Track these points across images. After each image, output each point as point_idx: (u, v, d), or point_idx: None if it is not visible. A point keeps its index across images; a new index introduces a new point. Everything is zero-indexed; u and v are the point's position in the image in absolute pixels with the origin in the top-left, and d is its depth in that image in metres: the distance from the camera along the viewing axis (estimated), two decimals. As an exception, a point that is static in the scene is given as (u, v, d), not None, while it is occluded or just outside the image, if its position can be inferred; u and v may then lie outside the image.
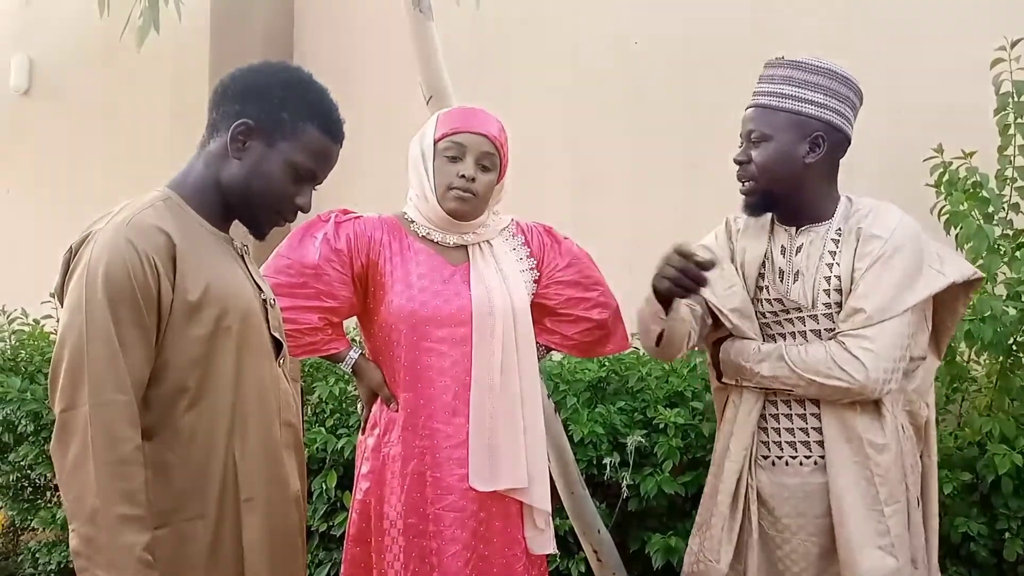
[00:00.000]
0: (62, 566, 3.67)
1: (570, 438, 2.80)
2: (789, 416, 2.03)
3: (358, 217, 2.21)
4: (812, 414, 2.00)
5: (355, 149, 1.71)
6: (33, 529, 3.91)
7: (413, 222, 2.20)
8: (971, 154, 2.73)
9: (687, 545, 2.18)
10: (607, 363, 3.15)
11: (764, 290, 2.07)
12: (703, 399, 2.97)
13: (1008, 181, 2.73)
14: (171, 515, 1.50)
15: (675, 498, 2.88)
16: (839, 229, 2.00)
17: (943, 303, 2.02)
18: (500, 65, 4.08)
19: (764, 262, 2.08)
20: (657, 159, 3.77)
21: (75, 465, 1.40)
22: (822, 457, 1.98)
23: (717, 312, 2.09)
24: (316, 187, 1.67)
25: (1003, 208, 2.71)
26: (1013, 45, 2.70)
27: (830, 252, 2.00)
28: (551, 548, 2.21)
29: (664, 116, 3.76)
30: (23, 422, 3.61)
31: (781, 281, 2.05)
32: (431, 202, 2.14)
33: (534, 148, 3.71)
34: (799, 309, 2.02)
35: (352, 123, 1.69)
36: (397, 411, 2.14)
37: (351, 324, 2.33)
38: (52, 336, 3.95)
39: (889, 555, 1.90)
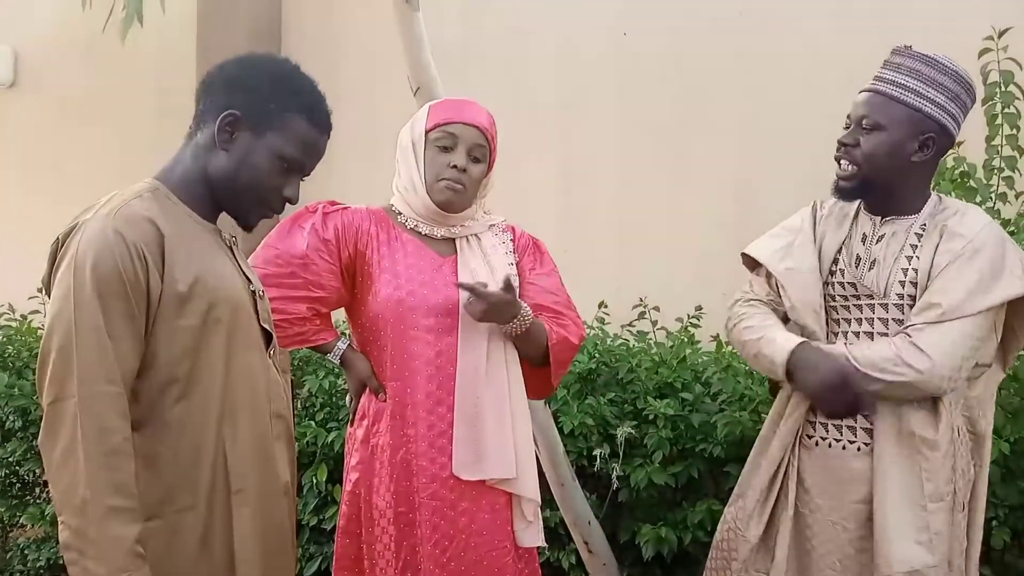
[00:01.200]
0: (51, 562, 3.66)
1: (560, 430, 2.80)
2: None
3: (346, 208, 2.20)
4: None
5: (341, 140, 1.71)
6: (22, 526, 3.88)
7: (400, 214, 2.20)
8: (959, 144, 2.73)
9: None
10: (597, 355, 3.15)
11: (838, 274, 2.07)
12: (693, 390, 2.98)
13: (996, 171, 2.74)
14: (161, 507, 1.49)
15: (665, 489, 2.89)
16: (924, 224, 2.00)
17: (1016, 313, 2.01)
18: (488, 56, 4.07)
19: (842, 247, 2.08)
20: (646, 151, 3.77)
21: (64, 457, 1.40)
22: (867, 444, 1.98)
23: (788, 309, 2.11)
24: (304, 178, 1.66)
25: (991, 197, 2.72)
26: (1000, 35, 2.71)
27: (911, 245, 1.99)
28: (540, 540, 2.21)
29: (653, 108, 3.76)
30: (11, 418, 3.59)
31: (857, 267, 2.05)
32: (420, 193, 2.14)
33: (522, 140, 3.71)
34: (871, 296, 2.01)
35: (339, 114, 1.69)
36: (385, 401, 2.14)
37: (340, 316, 2.33)
38: (39, 331, 3.92)
39: (927, 550, 1.89)
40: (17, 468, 3.76)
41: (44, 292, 1.54)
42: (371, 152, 2.44)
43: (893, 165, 1.97)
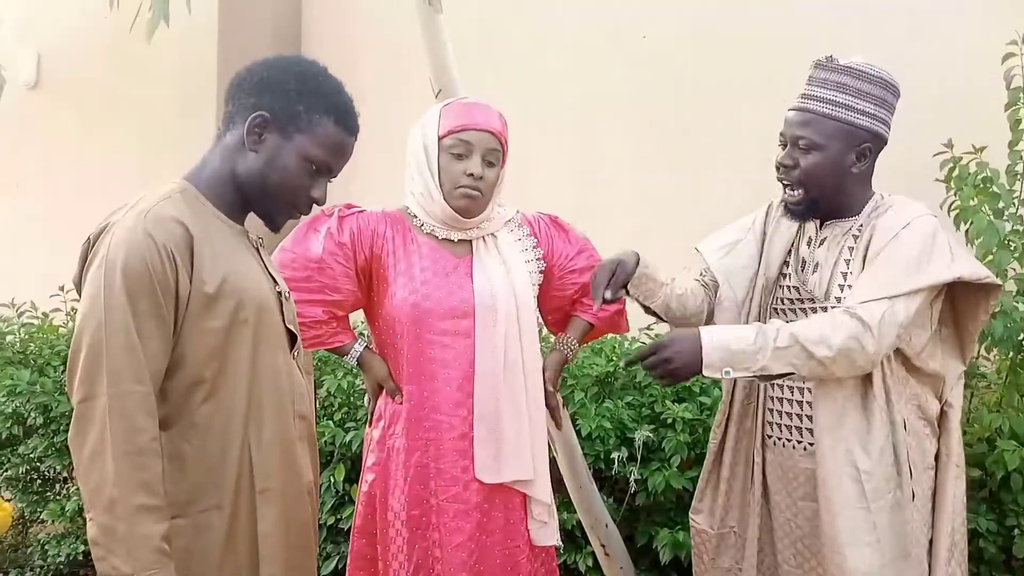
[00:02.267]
0: (71, 558, 3.68)
1: (578, 433, 2.80)
2: (790, 401, 2.07)
3: (362, 211, 2.21)
4: (808, 402, 2.03)
5: (362, 141, 1.72)
6: (42, 521, 3.92)
7: (416, 217, 2.20)
8: (981, 149, 2.71)
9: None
10: (614, 357, 3.15)
11: (786, 277, 2.10)
12: (711, 394, 2.97)
13: (1019, 176, 2.71)
14: (187, 506, 1.51)
15: (683, 493, 2.88)
16: (861, 226, 2.02)
17: (964, 309, 2.01)
18: (506, 58, 4.07)
19: (791, 250, 2.11)
20: (663, 153, 3.76)
21: (93, 455, 1.41)
22: (812, 443, 2.01)
23: (716, 303, 2.17)
24: (331, 180, 1.67)
25: (1014, 204, 2.69)
26: (1024, 40, 2.68)
27: (848, 248, 2.01)
28: (555, 540, 2.22)
29: (671, 109, 3.74)
30: (32, 415, 3.62)
31: (802, 271, 2.08)
32: (437, 200, 2.14)
33: (539, 141, 3.71)
34: (812, 300, 2.04)
35: (360, 116, 1.69)
36: (402, 403, 2.15)
37: (358, 317, 2.34)
38: (61, 329, 3.96)
39: (875, 551, 1.91)
40: (38, 464, 3.79)
41: (75, 291, 1.56)
42: (392, 153, 2.44)
43: (834, 180, 2.00)
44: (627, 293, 2.15)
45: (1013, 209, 2.69)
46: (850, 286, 1.97)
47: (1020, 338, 2.61)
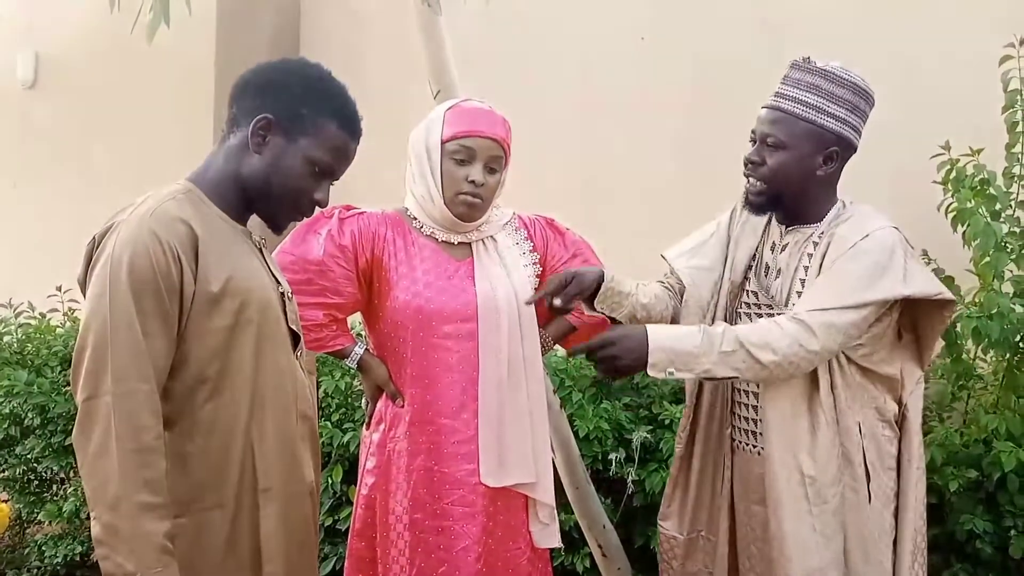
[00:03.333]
0: (68, 559, 3.68)
1: (575, 434, 2.80)
2: (750, 406, 2.09)
3: (361, 213, 2.20)
4: (755, 406, 2.06)
5: (363, 143, 1.72)
6: (39, 522, 3.91)
7: (416, 219, 2.20)
8: (979, 151, 2.72)
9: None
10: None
11: (749, 281, 2.12)
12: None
13: (1016, 179, 2.72)
14: (189, 505, 1.51)
15: (681, 494, 2.88)
16: (822, 233, 2.03)
17: (921, 319, 2.03)
18: (511, 59, 4.07)
19: (755, 255, 2.12)
20: (667, 156, 3.77)
21: (97, 453, 1.42)
22: (764, 448, 2.03)
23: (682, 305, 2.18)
24: (333, 182, 1.68)
25: (1011, 206, 2.70)
26: (1022, 42, 2.69)
27: (808, 255, 2.03)
28: (556, 542, 2.22)
29: (673, 112, 3.75)
30: (30, 415, 3.61)
31: (765, 276, 2.10)
32: (437, 203, 2.14)
33: (544, 143, 3.71)
34: (771, 306, 2.06)
35: (362, 120, 1.70)
36: (403, 407, 2.15)
37: (356, 320, 2.33)
38: (59, 330, 3.95)
39: (818, 555, 1.94)
40: (35, 465, 3.78)
41: (80, 291, 1.56)
42: (393, 155, 2.45)
43: (799, 181, 2.01)
44: (592, 307, 2.15)
45: (1010, 211, 2.70)
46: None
47: (1016, 340, 2.62)
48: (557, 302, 2.08)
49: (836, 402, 1.97)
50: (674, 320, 2.23)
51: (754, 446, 2.09)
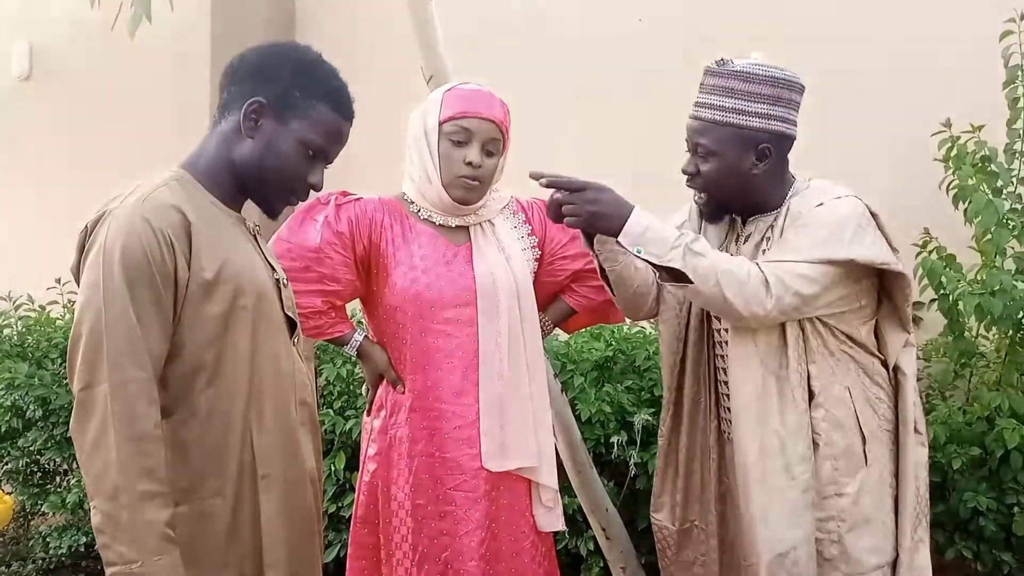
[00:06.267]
0: (72, 550, 3.69)
1: (577, 417, 2.80)
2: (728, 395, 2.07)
3: (358, 199, 2.19)
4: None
5: (358, 129, 1.71)
6: (43, 514, 3.92)
7: (413, 203, 2.19)
8: (980, 128, 2.71)
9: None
10: (614, 342, 3.15)
11: None
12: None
13: (1017, 155, 2.71)
14: (189, 493, 1.51)
15: (683, 476, 2.88)
16: (779, 212, 2.03)
17: (888, 286, 2.02)
18: (505, 42, 4.05)
19: (722, 248, 2.10)
20: (664, 138, 3.74)
21: (96, 443, 1.42)
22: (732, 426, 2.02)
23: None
24: (327, 166, 1.67)
25: (1012, 182, 2.69)
26: (1022, 18, 2.68)
27: (767, 239, 2.02)
28: (560, 525, 2.22)
29: (669, 95, 3.72)
30: (31, 407, 3.62)
31: None
32: (435, 185, 2.13)
33: (538, 128, 3.69)
34: None
35: (354, 103, 1.69)
36: (404, 393, 2.14)
37: (355, 306, 2.33)
38: (59, 322, 3.95)
39: (787, 531, 1.93)
40: (38, 457, 3.79)
41: (74, 280, 1.55)
42: (388, 139, 2.44)
43: (736, 184, 2.00)
44: (591, 248, 2.08)
45: (1011, 188, 2.69)
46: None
47: (1019, 316, 2.61)
48: (558, 195, 1.98)
49: (819, 373, 1.96)
50: (656, 303, 2.20)
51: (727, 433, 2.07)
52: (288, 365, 1.64)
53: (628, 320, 3.19)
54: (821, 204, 1.95)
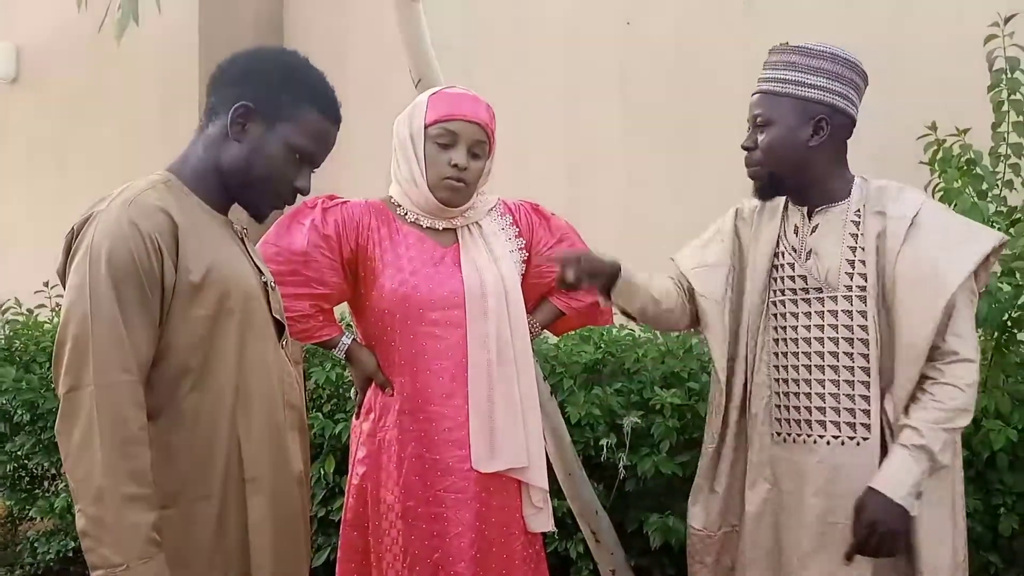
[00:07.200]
0: (60, 555, 3.67)
1: (567, 420, 2.80)
2: (798, 395, 2.02)
3: (345, 202, 2.20)
4: (817, 393, 2.00)
5: (346, 133, 1.72)
6: (31, 519, 3.91)
7: (400, 206, 2.19)
8: (965, 131, 2.73)
9: (687, 523, 2.21)
10: (603, 345, 3.15)
11: (780, 268, 2.08)
12: (699, 380, 2.98)
13: (1002, 158, 2.72)
14: (176, 496, 1.51)
15: (672, 478, 2.89)
16: (858, 211, 2.01)
17: None
18: (492, 47, 4.06)
19: (778, 242, 2.10)
20: (652, 141, 3.76)
21: (81, 445, 1.41)
22: (821, 436, 1.98)
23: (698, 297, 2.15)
24: (314, 170, 1.67)
25: (997, 185, 2.71)
26: (1006, 21, 2.69)
27: (852, 235, 2.00)
28: (550, 526, 2.23)
29: (658, 97, 3.74)
30: (19, 412, 3.60)
31: (806, 259, 2.05)
32: (421, 188, 2.13)
33: (527, 129, 3.70)
34: (819, 290, 2.02)
35: (343, 107, 1.69)
36: (392, 395, 2.14)
37: (343, 309, 2.33)
38: (46, 325, 3.93)
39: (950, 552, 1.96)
40: (26, 462, 3.78)
41: (60, 282, 1.55)
42: (376, 143, 2.44)
43: (792, 154, 2.00)
44: (608, 299, 2.14)
45: (996, 191, 2.70)
46: (861, 275, 1.96)
47: (1005, 318, 2.62)
48: (570, 275, 2.03)
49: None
50: (695, 318, 2.19)
51: (808, 435, 2.01)
52: (276, 368, 1.64)
53: (617, 323, 3.21)
54: (924, 203, 1.98)
